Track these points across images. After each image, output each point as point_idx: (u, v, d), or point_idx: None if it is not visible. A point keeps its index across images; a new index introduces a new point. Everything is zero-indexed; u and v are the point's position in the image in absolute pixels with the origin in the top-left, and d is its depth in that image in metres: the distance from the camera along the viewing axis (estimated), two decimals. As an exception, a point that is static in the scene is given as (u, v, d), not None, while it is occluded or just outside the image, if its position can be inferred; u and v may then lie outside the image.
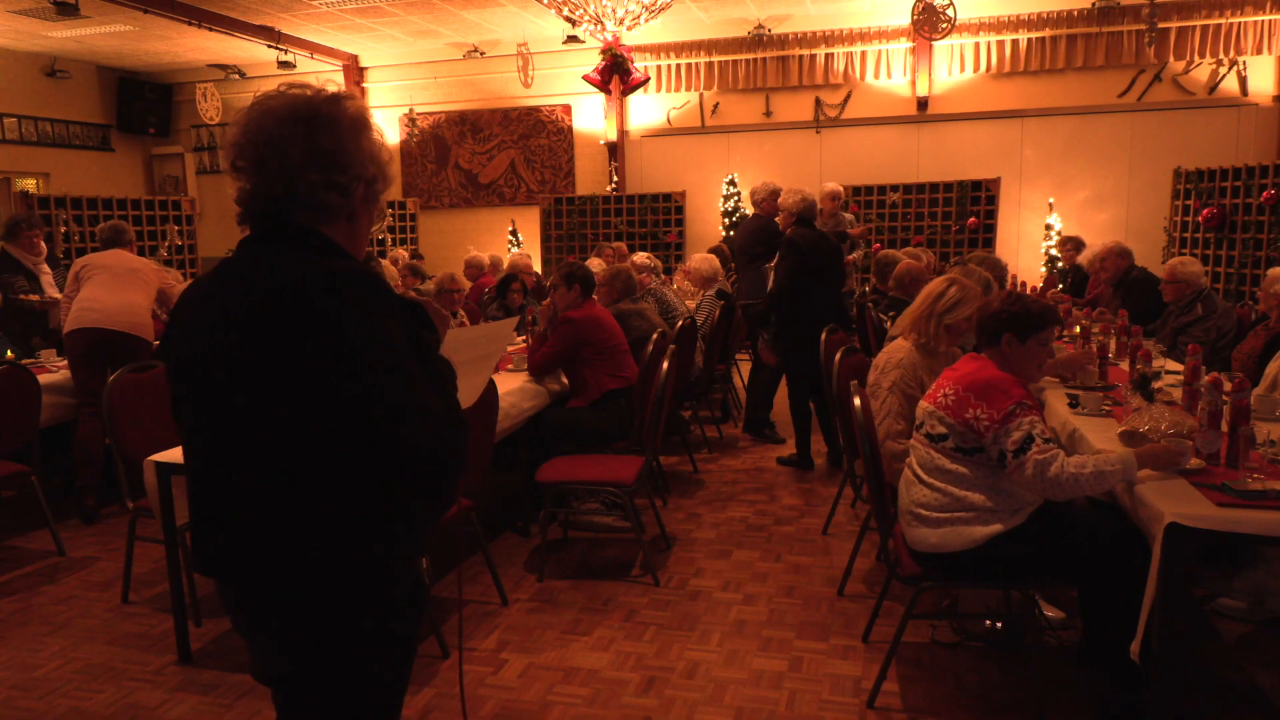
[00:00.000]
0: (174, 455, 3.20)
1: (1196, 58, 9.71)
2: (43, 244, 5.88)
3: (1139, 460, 2.57)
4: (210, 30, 9.65)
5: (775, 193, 6.25)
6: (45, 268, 5.90)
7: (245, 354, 1.31)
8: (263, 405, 1.32)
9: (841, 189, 7.27)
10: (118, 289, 4.92)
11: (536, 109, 11.87)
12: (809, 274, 5.40)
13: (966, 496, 2.71)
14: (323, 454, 1.32)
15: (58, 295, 5.55)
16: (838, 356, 3.85)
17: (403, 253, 8.11)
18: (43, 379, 4.61)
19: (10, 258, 5.72)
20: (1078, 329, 5.09)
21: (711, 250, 8.20)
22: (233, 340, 1.32)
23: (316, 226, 1.41)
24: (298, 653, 1.42)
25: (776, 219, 5.89)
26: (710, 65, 11.06)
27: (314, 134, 1.39)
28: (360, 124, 1.44)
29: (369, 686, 1.46)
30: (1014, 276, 8.96)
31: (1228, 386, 2.71)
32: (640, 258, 7.01)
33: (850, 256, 5.86)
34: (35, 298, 5.65)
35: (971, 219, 9.81)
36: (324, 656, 1.42)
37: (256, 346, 1.30)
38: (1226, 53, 9.57)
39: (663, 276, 7.07)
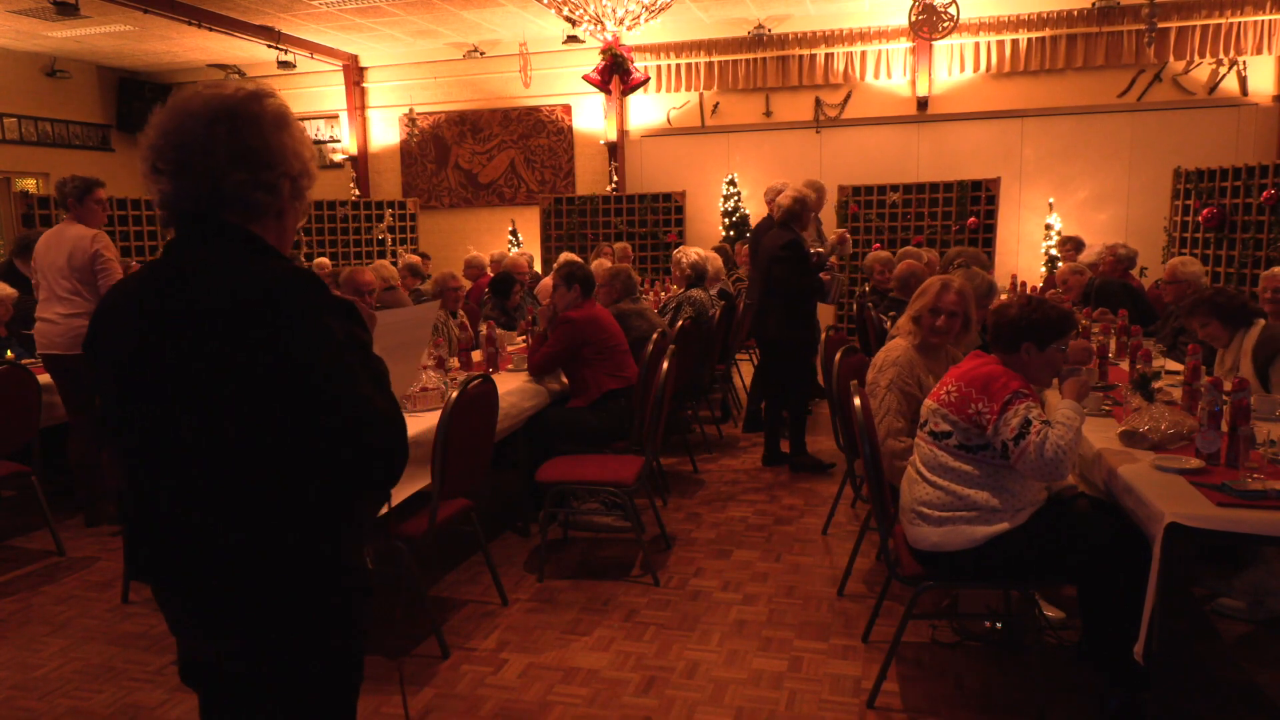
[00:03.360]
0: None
1: (1196, 58, 9.71)
2: None
3: (1065, 396, 2.73)
4: (210, 30, 9.66)
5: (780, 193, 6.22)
6: None
7: (190, 358, 1.31)
8: (210, 408, 1.31)
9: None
10: (56, 305, 4.55)
11: (536, 109, 11.87)
12: (757, 279, 5.46)
13: (970, 495, 2.71)
14: (271, 452, 1.32)
15: None
16: (838, 356, 3.85)
17: (414, 258, 8.11)
18: (43, 379, 4.61)
19: (18, 273, 5.76)
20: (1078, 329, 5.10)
21: (714, 249, 8.20)
22: (177, 346, 1.32)
23: (245, 225, 1.41)
24: (247, 650, 1.41)
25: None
26: (710, 65, 11.06)
27: (237, 133, 1.38)
28: (282, 121, 1.43)
29: (321, 680, 1.46)
30: (1014, 276, 8.97)
31: (1228, 386, 2.72)
32: (691, 254, 6.58)
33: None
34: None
35: (971, 219, 9.81)
36: (276, 650, 1.41)
37: (203, 351, 1.30)
38: (1226, 53, 9.57)
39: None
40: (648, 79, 10.67)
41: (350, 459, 1.33)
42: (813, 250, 5.72)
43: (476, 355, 4.98)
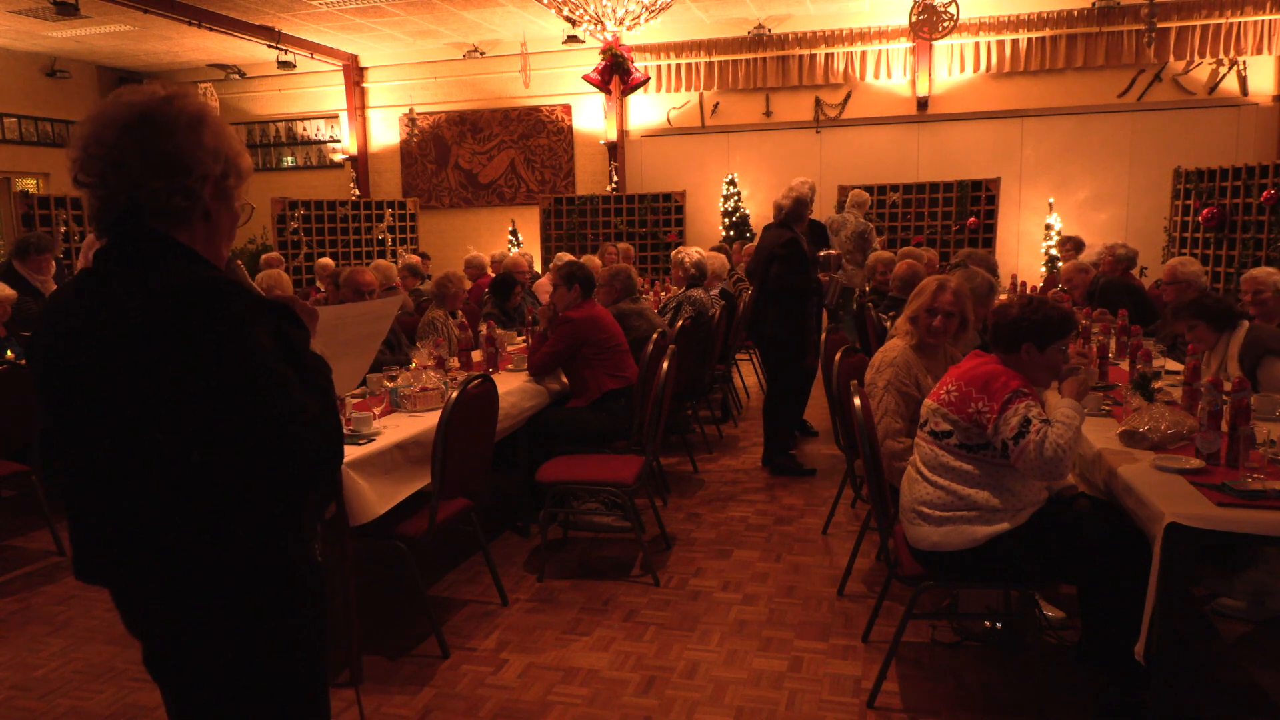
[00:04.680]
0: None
1: (1196, 58, 9.72)
2: (52, 263, 5.96)
3: (1064, 395, 2.72)
4: (210, 30, 9.66)
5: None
6: (54, 286, 5.96)
7: (112, 370, 1.31)
8: (139, 416, 1.32)
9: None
10: None
11: (536, 109, 11.88)
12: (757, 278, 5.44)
13: (971, 495, 2.70)
14: (200, 459, 1.33)
15: None
16: (838, 356, 3.85)
17: (414, 258, 8.13)
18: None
19: (17, 275, 5.78)
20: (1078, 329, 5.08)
21: (714, 249, 8.22)
22: (99, 357, 1.32)
23: (171, 232, 1.40)
24: (199, 648, 1.42)
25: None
26: (710, 65, 11.07)
27: (150, 140, 1.36)
28: (197, 121, 1.41)
29: (274, 673, 1.47)
30: (1014, 276, 8.98)
31: (1228, 386, 2.72)
32: (692, 254, 6.56)
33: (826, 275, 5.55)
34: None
35: (971, 219, 9.82)
36: (224, 647, 1.42)
37: (124, 363, 1.30)
38: (1226, 53, 9.58)
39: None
40: (648, 79, 10.68)
41: (279, 466, 1.34)
42: (825, 253, 5.67)
43: (476, 355, 4.98)
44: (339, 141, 12.74)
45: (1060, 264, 9.19)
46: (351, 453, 3.08)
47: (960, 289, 3.50)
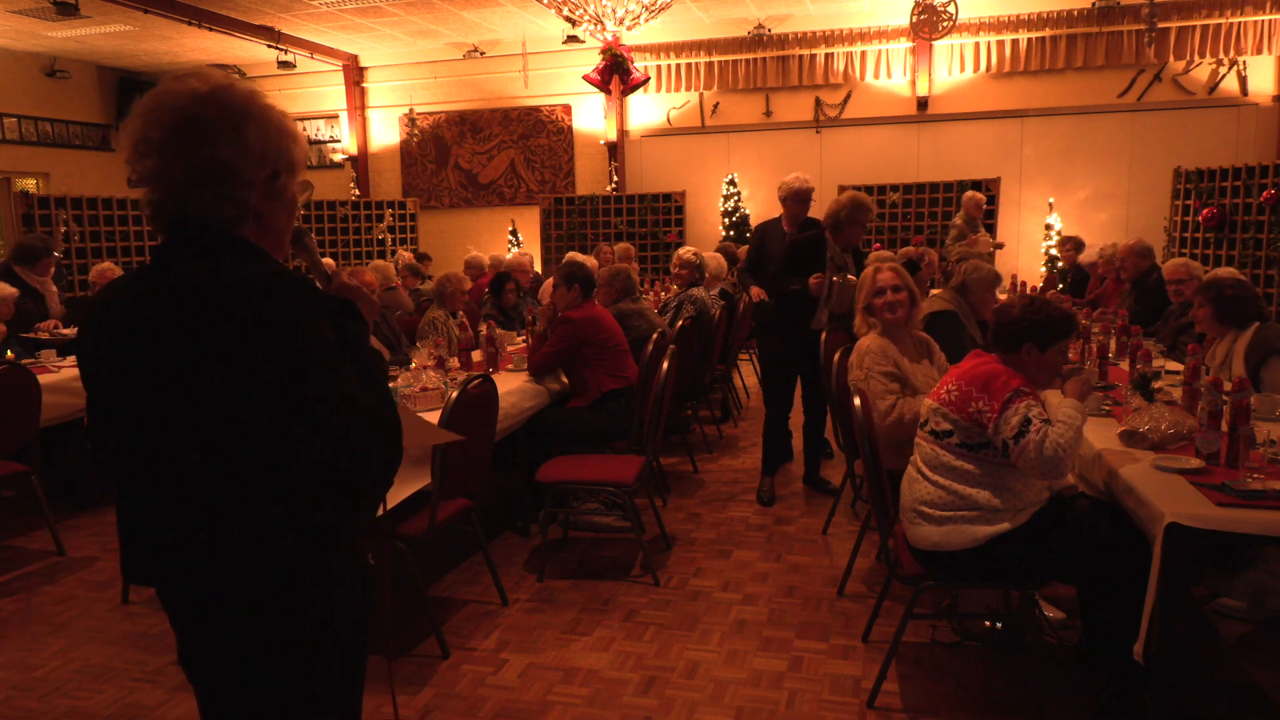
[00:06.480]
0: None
1: (1196, 58, 9.72)
2: (51, 265, 6.03)
3: (1067, 395, 2.73)
4: (210, 30, 9.66)
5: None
6: (52, 287, 5.98)
7: (172, 363, 1.29)
8: (192, 411, 1.30)
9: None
10: None
11: (536, 109, 11.88)
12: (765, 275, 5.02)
13: (972, 494, 2.70)
14: (254, 455, 1.30)
15: (63, 328, 5.68)
16: (837, 356, 3.86)
17: (407, 254, 8.15)
18: (43, 379, 4.60)
19: (16, 276, 5.80)
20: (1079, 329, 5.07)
21: (717, 249, 8.23)
22: (151, 353, 1.31)
23: (228, 229, 1.37)
24: (245, 649, 1.41)
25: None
26: (710, 65, 11.07)
27: (191, 147, 1.32)
28: (239, 120, 1.35)
29: (317, 677, 1.45)
30: (1014, 276, 8.98)
31: (1228, 386, 2.72)
32: (687, 253, 6.50)
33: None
34: (45, 335, 5.68)
35: (972, 219, 9.81)
36: (269, 650, 1.40)
37: (183, 356, 1.29)
38: (1226, 53, 9.58)
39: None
40: (648, 79, 10.67)
41: (334, 465, 1.30)
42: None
43: (476, 355, 4.97)
44: (339, 141, 12.74)
45: (1060, 264, 9.19)
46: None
47: (896, 267, 3.65)
